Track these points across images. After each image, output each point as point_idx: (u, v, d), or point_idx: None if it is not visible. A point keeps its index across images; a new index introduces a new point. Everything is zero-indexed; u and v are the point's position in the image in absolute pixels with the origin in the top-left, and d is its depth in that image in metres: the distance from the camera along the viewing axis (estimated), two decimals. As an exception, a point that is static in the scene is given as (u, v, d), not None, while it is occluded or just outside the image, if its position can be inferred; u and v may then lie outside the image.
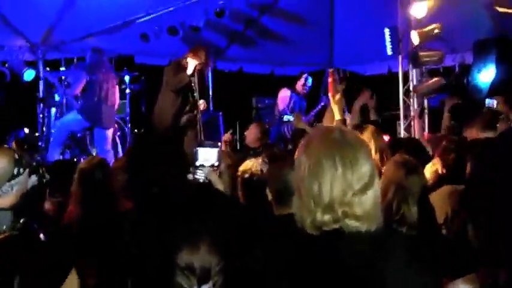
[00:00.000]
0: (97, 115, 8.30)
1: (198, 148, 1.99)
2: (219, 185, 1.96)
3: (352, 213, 1.81)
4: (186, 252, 1.59)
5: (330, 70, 5.32)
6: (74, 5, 8.73)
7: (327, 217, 1.82)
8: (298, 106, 10.24)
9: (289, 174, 2.97)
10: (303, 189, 1.89)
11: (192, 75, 7.49)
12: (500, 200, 2.60)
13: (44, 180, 3.22)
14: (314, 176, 1.85)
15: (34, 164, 3.43)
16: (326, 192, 1.82)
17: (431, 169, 4.29)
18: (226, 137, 7.38)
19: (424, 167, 4.25)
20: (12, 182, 2.95)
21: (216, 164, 1.98)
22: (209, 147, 1.98)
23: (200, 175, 1.97)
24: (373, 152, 4.69)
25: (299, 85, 10.28)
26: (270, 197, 3.18)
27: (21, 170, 3.00)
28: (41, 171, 3.18)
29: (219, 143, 1.81)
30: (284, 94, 10.13)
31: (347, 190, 1.82)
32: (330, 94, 4.90)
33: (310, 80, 10.42)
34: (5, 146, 5.69)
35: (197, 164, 1.98)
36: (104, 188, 3.60)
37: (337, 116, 4.76)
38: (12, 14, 8.68)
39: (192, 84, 7.52)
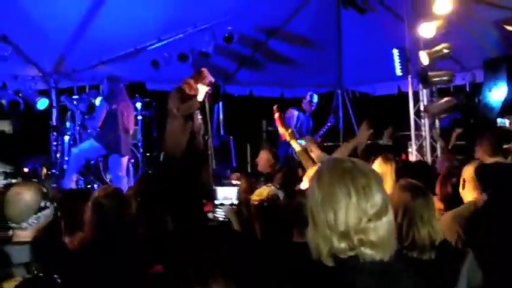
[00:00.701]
0: (116, 143, 8.34)
1: (217, 187, 2.01)
2: (237, 224, 1.97)
3: (367, 241, 1.83)
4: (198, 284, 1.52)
5: (275, 107, 5.43)
6: (85, 33, 8.86)
7: (343, 245, 1.84)
8: (305, 126, 10.28)
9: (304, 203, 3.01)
10: (317, 219, 1.91)
11: (203, 101, 7.51)
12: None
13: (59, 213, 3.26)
14: (328, 204, 1.87)
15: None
16: (341, 220, 1.84)
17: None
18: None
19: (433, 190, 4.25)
20: (39, 214, 3.05)
21: (236, 202, 1.99)
22: (228, 186, 2.01)
23: (220, 213, 1.99)
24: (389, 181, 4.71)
25: (305, 103, 10.32)
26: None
27: (48, 203, 3.07)
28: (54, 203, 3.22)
29: (237, 182, 1.81)
30: (290, 114, 10.16)
31: (362, 217, 1.84)
32: (281, 130, 5.14)
33: (315, 97, 10.45)
34: (35, 180, 5.75)
35: (217, 202, 2.00)
36: (118, 217, 3.62)
37: (297, 148, 5.12)
38: (25, 44, 8.81)
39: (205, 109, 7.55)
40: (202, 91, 7.50)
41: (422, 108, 9.69)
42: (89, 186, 8.97)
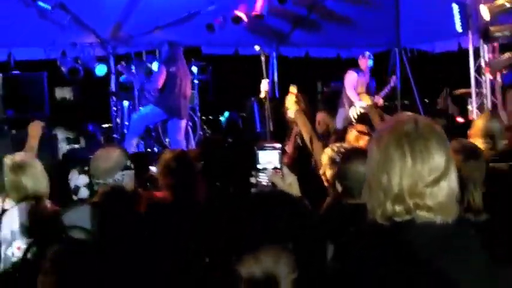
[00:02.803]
0: (175, 107, 8.44)
1: (259, 151, 1.97)
2: (284, 188, 1.93)
3: (423, 205, 1.79)
4: (248, 263, 1.46)
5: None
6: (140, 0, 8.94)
7: (398, 208, 1.80)
8: (366, 85, 10.08)
9: (359, 168, 2.99)
10: (372, 180, 1.88)
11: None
12: None
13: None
14: (383, 167, 1.84)
15: None
16: (395, 184, 1.81)
17: None
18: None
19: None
20: (124, 172, 3.27)
21: (278, 166, 1.94)
22: (270, 149, 1.96)
23: (263, 178, 1.95)
24: None
25: (361, 61, 10.10)
26: (339, 189, 3.21)
27: (132, 165, 3.30)
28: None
29: (280, 146, 1.78)
30: (350, 76, 9.98)
31: (418, 181, 1.79)
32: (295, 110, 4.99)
33: (367, 52, 10.20)
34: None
35: (259, 167, 1.96)
36: (184, 179, 3.69)
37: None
38: (82, 13, 8.98)
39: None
40: None
41: (483, 64, 9.41)
42: (149, 150, 9.16)
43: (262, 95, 7.74)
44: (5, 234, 3.39)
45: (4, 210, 3.51)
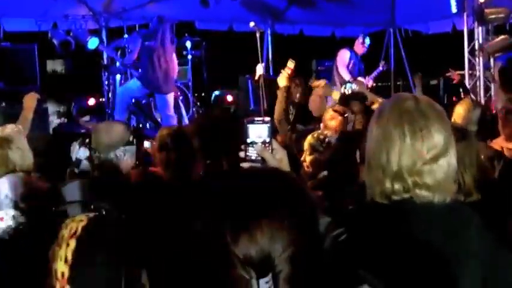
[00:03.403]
0: (153, 81, 8.42)
1: (248, 125, 1.91)
2: (273, 162, 1.89)
3: (422, 183, 1.78)
4: (243, 241, 1.39)
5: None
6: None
7: (396, 186, 1.80)
8: (357, 68, 10.05)
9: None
10: (371, 159, 1.88)
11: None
12: None
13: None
14: (383, 145, 1.83)
15: None
16: (394, 162, 1.80)
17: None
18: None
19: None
20: (126, 147, 3.24)
21: (268, 140, 1.89)
22: (260, 123, 1.90)
23: (252, 152, 1.89)
24: None
25: (357, 45, 10.04)
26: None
27: (134, 140, 3.28)
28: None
29: (269, 119, 1.73)
30: (344, 55, 9.92)
31: (416, 160, 1.78)
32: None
33: (368, 39, 10.18)
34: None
35: (248, 141, 1.90)
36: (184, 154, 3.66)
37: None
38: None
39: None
40: None
41: (477, 46, 9.40)
42: (140, 125, 9.12)
43: (256, 77, 7.69)
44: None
45: None
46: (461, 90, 9.65)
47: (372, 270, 1.64)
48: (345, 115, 5.39)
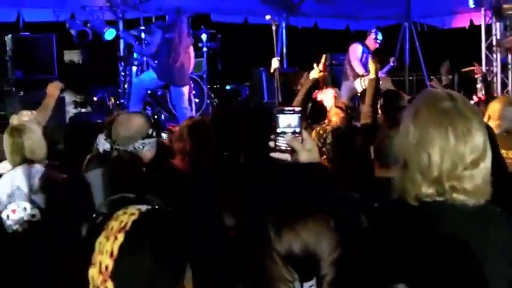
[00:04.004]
0: (169, 73, 8.42)
1: (278, 115, 1.90)
2: (303, 153, 1.88)
3: (461, 188, 1.73)
4: (286, 237, 1.32)
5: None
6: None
7: (431, 190, 1.75)
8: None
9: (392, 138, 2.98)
10: (410, 161, 1.80)
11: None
12: None
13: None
14: (423, 146, 1.76)
15: None
16: (435, 166, 1.73)
17: None
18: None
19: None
20: (145, 141, 3.20)
21: (298, 130, 1.88)
22: (290, 113, 1.90)
23: (282, 142, 1.89)
24: None
25: (370, 40, 9.99)
26: (372, 155, 3.23)
27: (154, 133, 3.25)
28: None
29: (300, 109, 1.72)
30: (356, 49, 9.88)
31: (458, 163, 1.72)
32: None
33: (380, 34, 10.13)
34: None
35: (278, 131, 1.89)
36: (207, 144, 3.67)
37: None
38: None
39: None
40: None
41: (494, 42, 9.35)
42: (155, 116, 9.17)
43: (272, 70, 7.70)
44: (1, 197, 3.30)
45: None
46: (477, 86, 9.61)
47: (407, 269, 1.62)
48: (348, 111, 5.49)
